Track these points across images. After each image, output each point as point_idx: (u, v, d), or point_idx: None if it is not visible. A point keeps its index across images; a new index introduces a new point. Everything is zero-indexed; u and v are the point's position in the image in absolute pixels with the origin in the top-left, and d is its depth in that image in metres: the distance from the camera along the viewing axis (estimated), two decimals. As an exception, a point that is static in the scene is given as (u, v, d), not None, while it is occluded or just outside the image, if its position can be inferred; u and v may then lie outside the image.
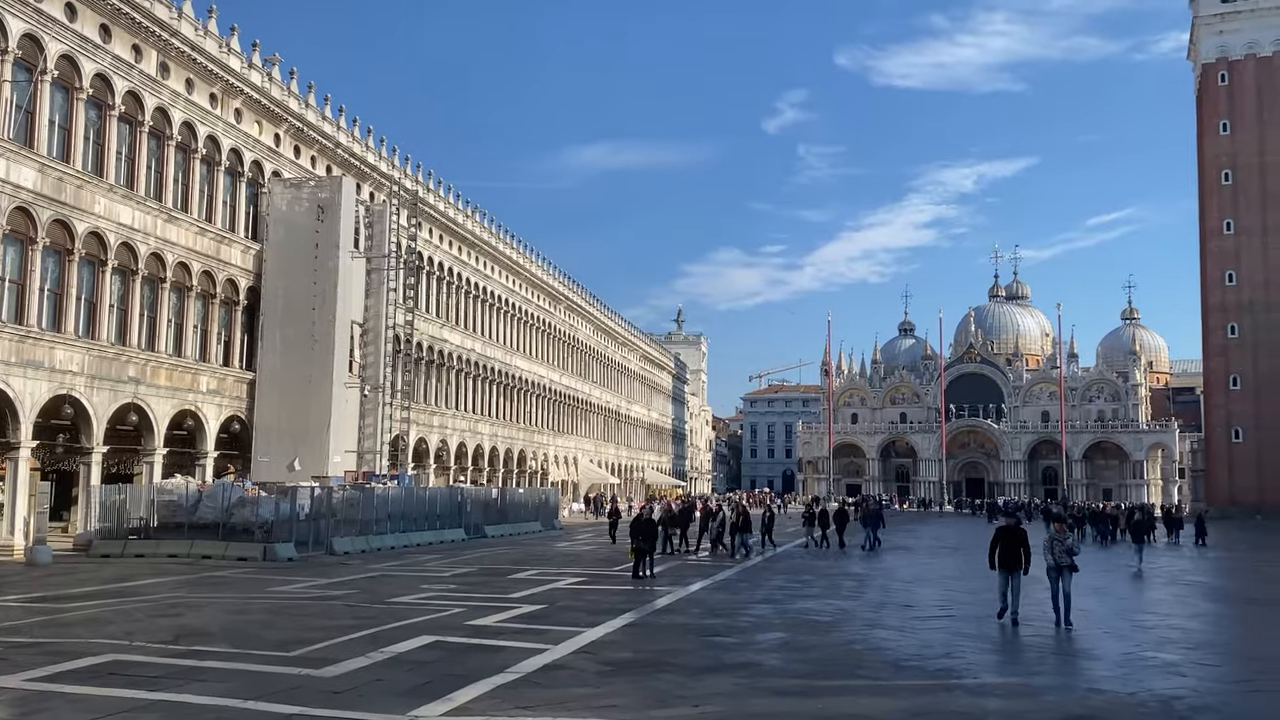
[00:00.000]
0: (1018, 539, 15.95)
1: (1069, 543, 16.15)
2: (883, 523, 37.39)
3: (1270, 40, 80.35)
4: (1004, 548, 16.03)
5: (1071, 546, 16.09)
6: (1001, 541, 16.11)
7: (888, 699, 10.47)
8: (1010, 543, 16.00)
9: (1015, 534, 16.06)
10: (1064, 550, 15.89)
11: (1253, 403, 79.06)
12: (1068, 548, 15.97)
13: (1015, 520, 17.02)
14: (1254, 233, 79.32)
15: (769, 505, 39.52)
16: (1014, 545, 15.95)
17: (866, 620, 16.66)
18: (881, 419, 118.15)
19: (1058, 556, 15.90)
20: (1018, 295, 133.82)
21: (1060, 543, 16.02)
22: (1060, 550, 15.90)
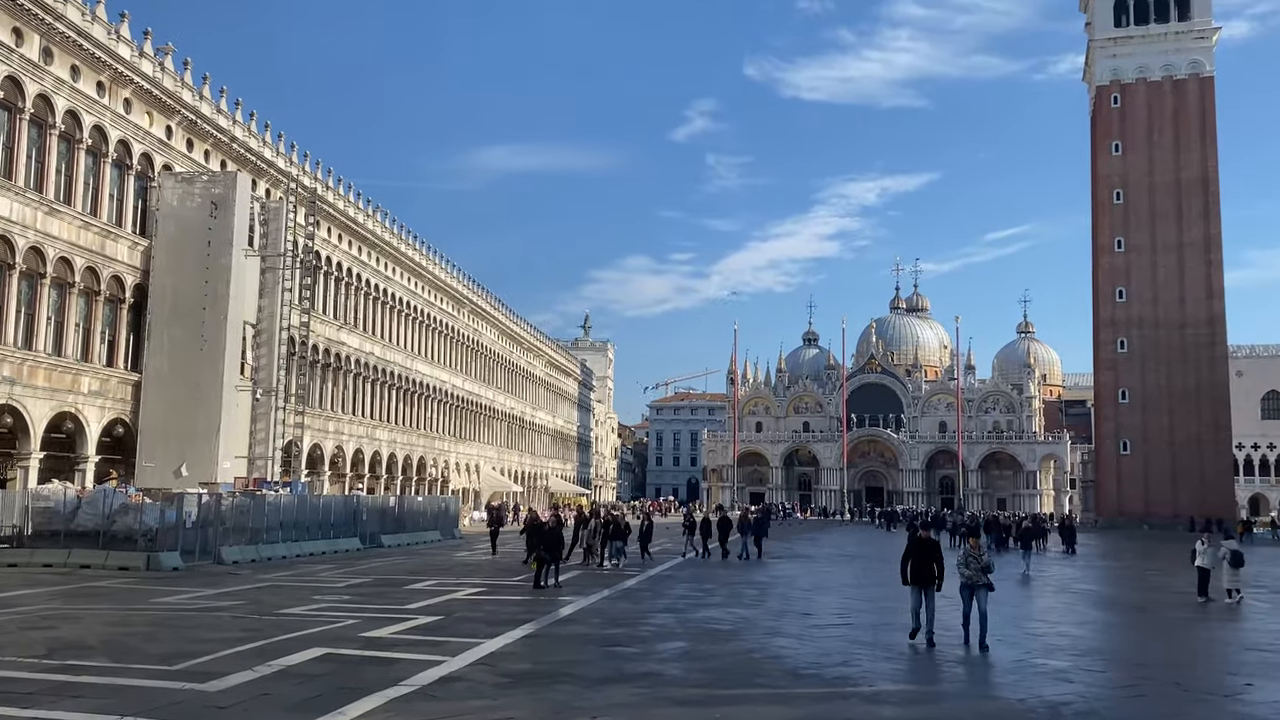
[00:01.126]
0: (931, 552, 15.07)
1: (985, 559, 15.24)
2: (765, 532, 36.51)
3: (1159, 65, 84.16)
4: (917, 561, 15.09)
5: (988, 563, 15.20)
6: (914, 555, 15.17)
7: (785, 707, 10.64)
8: (924, 556, 15.08)
9: (928, 546, 15.15)
10: (979, 567, 15.00)
11: (1140, 416, 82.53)
12: (983, 564, 15.07)
13: (929, 531, 16.06)
14: (1143, 250, 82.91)
15: (647, 514, 38.14)
16: (928, 559, 15.03)
17: (767, 628, 16.87)
18: (785, 428, 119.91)
19: (972, 574, 14.98)
20: (918, 308, 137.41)
21: (975, 559, 15.08)
22: (975, 567, 14.99)
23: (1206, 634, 18.27)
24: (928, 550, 15.09)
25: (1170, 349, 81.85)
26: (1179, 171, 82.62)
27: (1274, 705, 11.22)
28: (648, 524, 34.55)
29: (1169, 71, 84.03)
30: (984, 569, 15.01)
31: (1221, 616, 20.60)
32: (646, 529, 33.87)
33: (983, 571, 14.98)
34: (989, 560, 15.36)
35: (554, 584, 22.68)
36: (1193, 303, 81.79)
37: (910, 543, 15.53)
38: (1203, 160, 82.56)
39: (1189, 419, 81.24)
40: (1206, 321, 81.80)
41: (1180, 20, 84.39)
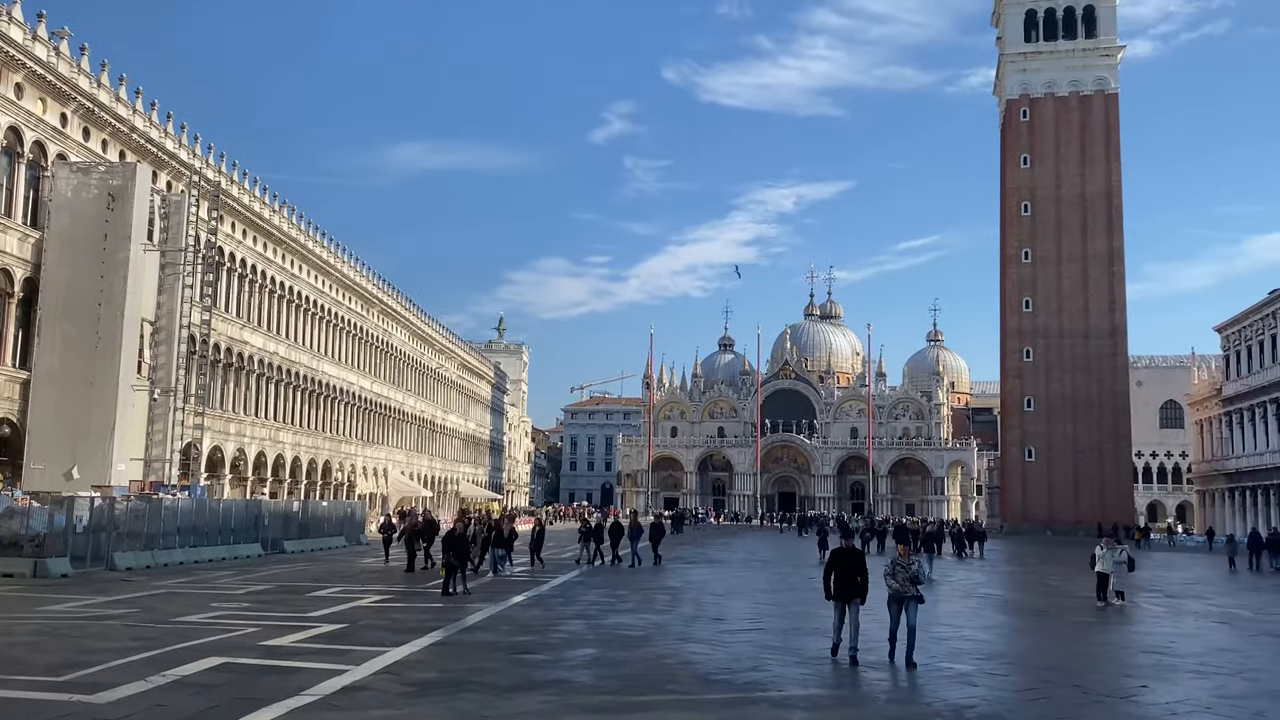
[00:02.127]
0: (855, 563, 14.24)
1: (914, 569, 14.31)
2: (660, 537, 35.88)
3: (1067, 81, 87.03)
4: (840, 573, 14.22)
5: (918, 573, 14.33)
6: (837, 566, 14.31)
7: (695, 713, 10.70)
8: (847, 568, 14.23)
9: (851, 557, 14.33)
10: (908, 577, 14.11)
11: (1045, 423, 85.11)
12: (913, 574, 14.19)
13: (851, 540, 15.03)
14: (1049, 261, 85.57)
15: (538, 520, 37.66)
16: (851, 570, 14.18)
17: (678, 634, 16.96)
18: (700, 433, 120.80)
19: (901, 584, 14.10)
20: (831, 315, 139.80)
21: (905, 569, 14.18)
22: (904, 577, 14.11)
23: (1105, 637, 18.90)
24: (851, 561, 14.26)
25: (1074, 358, 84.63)
26: (1084, 185, 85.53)
27: (1166, 706, 11.66)
28: (538, 530, 33.75)
29: (1076, 87, 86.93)
30: (913, 579, 14.16)
31: (1119, 620, 21.34)
32: (537, 535, 33.08)
33: (912, 582, 14.09)
34: (918, 569, 14.50)
35: (463, 591, 22.47)
36: (1096, 314, 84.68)
37: (832, 554, 14.62)
38: (1107, 174, 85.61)
39: (1091, 427, 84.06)
40: (1109, 332, 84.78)
41: (1087, 37, 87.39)
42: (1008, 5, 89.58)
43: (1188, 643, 17.72)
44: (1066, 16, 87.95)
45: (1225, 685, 13.11)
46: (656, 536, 34.90)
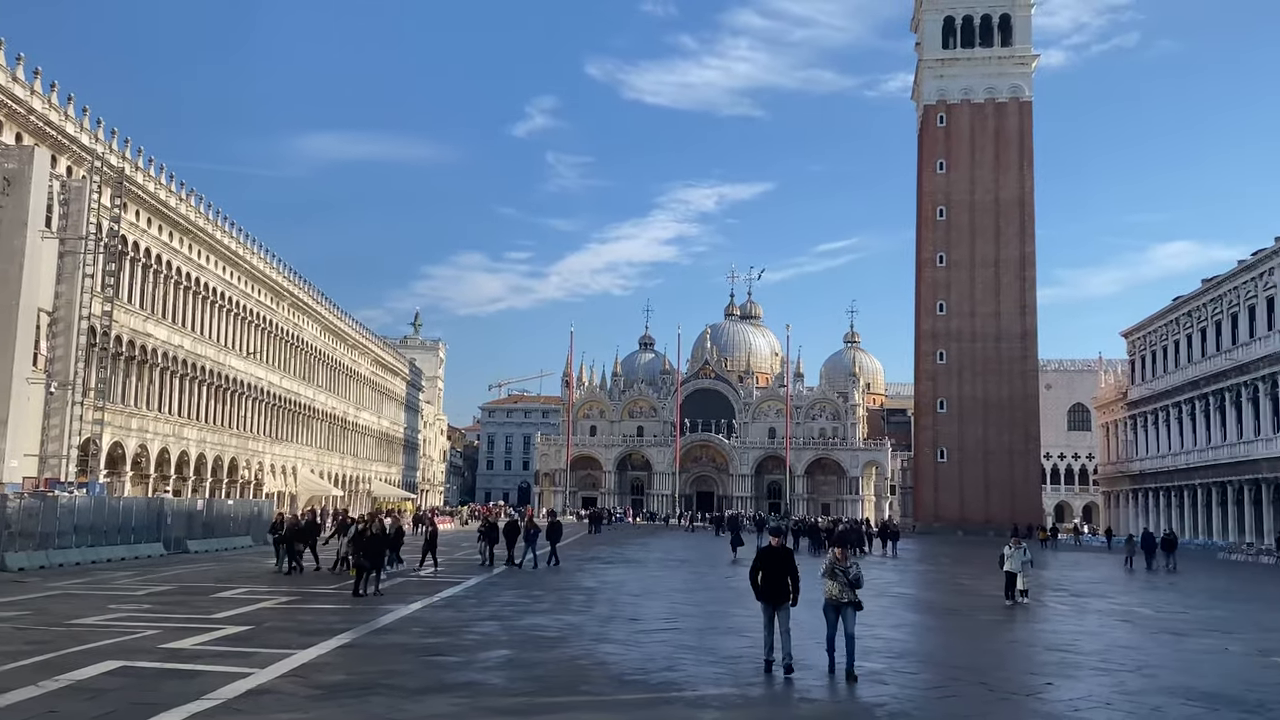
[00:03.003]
0: (784, 563, 13.19)
1: (853, 571, 13.15)
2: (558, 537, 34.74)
3: (983, 88, 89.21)
4: (768, 574, 13.19)
5: (856, 576, 13.13)
6: (765, 566, 13.26)
7: (608, 714, 10.72)
8: (775, 567, 13.17)
9: (780, 556, 13.25)
10: (846, 581, 13.03)
11: (957, 425, 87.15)
12: (851, 578, 13.06)
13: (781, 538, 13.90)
14: (963, 266, 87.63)
15: (431, 520, 36.00)
16: (781, 571, 13.13)
17: (594, 635, 16.96)
18: (619, 432, 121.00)
19: (838, 589, 13.02)
20: (751, 315, 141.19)
21: (843, 571, 13.08)
22: (842, 581, 13.05)
23: (1012, 635, 19.41)
24: (780, 561, 13.20)
25: (986, 361, 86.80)
26: (998, 191, 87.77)
27: (1069, 703, 12.01)
28: (431, 530, 31.78)
29: (991, 94, 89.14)
30: (852, 583, 13.05)
31: (1026, 618, 21.94)
32: (430, 536, 31.13)
33: (850, 586, 13.03)
34: (858, 573, 13.25)
35: (374, 592, 22.18)
36: (1008, 318, 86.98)
37: (760, 553, 13.53)
38: (1020, 181, 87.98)
39: (1002, 429, 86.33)
40: (1020, 336, 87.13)
41: (1003, 45, 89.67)
42: (927, 11, 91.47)
43: (1090, 640, 18.29)
44: (984, 24, 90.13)
45: (1125, 682, 13.56)
46: (554, 536, 33.76)
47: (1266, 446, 60.93)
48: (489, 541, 32.67)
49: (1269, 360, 60.66)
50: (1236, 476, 64.57)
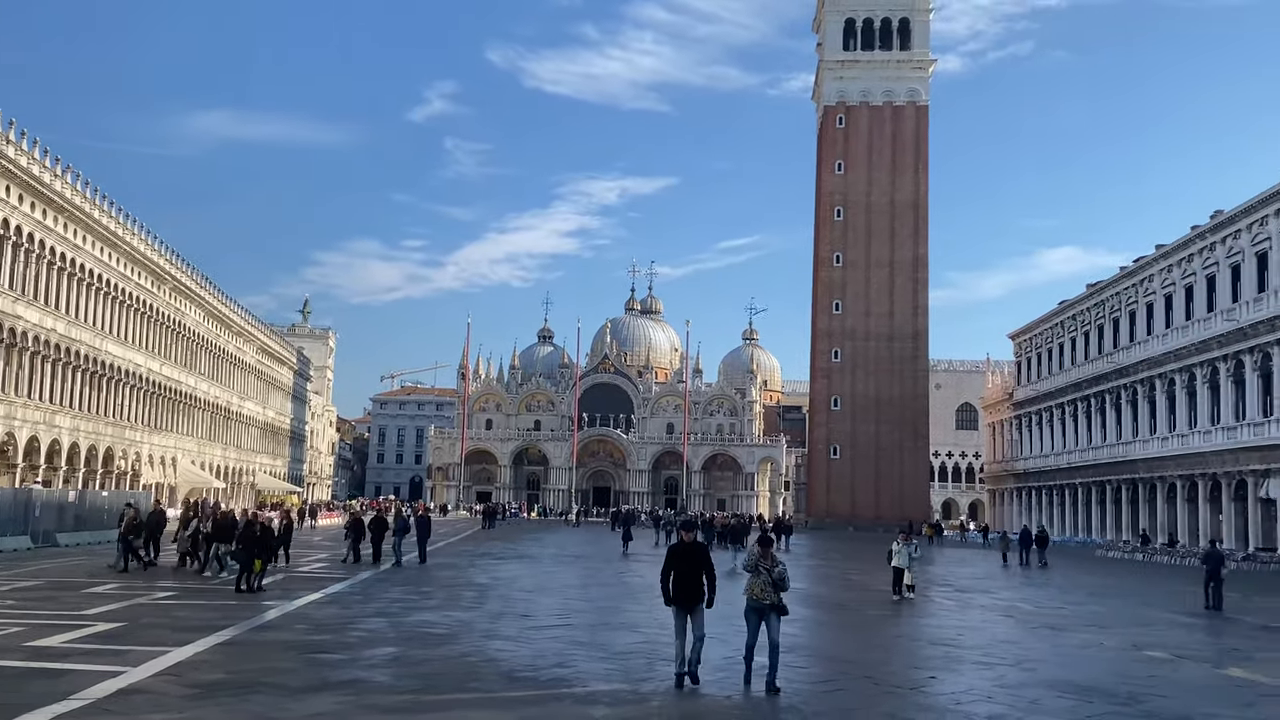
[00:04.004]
0: (698, 561, 12.16)
1: (778, 571, 12.03)
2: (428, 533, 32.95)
3: (881, 90, 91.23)
4: (681, 573, 12.08)
5: (781, 576, 12.07)
6: (677, 564, 12.14)
7: (496, 711, 10.67)
8: (688, 566, 12.11)
9: (694, 554, 12.21)
10: (769, 582, 11.98)
11: (850, 423, 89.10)
12: (776, 577, 11.98)
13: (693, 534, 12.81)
14: (859, 266, 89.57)
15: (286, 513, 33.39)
16: (694, 569, 12.09)
17: (484, 631, 16.85)
18: (516, 425, 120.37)
19: (762, 590, 12.02)
20: (652, 310, 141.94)
21: (767, 571, 12.01)
22: (764, 582, 12.01)
23: (898, 630, 19.93)
24: (693, 558, 12.15)
25: (879, 360, 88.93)
26: (894, 193, 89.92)
27: (951, 696, 12.39)
28: (286, 524, 29.78)
29: (889, 97, 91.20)
30: (776, 584, 11.97)
31: (912, 613, 22.55)
32: (285, 530, 29.11)
33: (774, 588, 11.96)
34: (783, 572, 12.09)
35: (258, 587, 21.65)
36: (901, 318, 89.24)
37: (671, 550, 12.41)
38: (915, 184, 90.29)
39: (893, 427, 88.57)
40: (912, 336, 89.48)
41: (902, 49, 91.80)
42: (828, 12, 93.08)
43: (973, 635, 18.88)
44: (884, 28, 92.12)
45: (1005, 675, 14.04)
46: (423, 532, 32.06)
47: (1144, 447, 63.71)
48: (355, 537, 31.23)
49: (1148, 364, 63.42)
50: (1115, 476, 67.39)
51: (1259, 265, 53.45)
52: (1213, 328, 56.41)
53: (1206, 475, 56.65)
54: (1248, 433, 52.95)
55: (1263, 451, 51.47)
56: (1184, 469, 58.72)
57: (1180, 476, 59.29)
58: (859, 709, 11.56)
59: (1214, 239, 57.52)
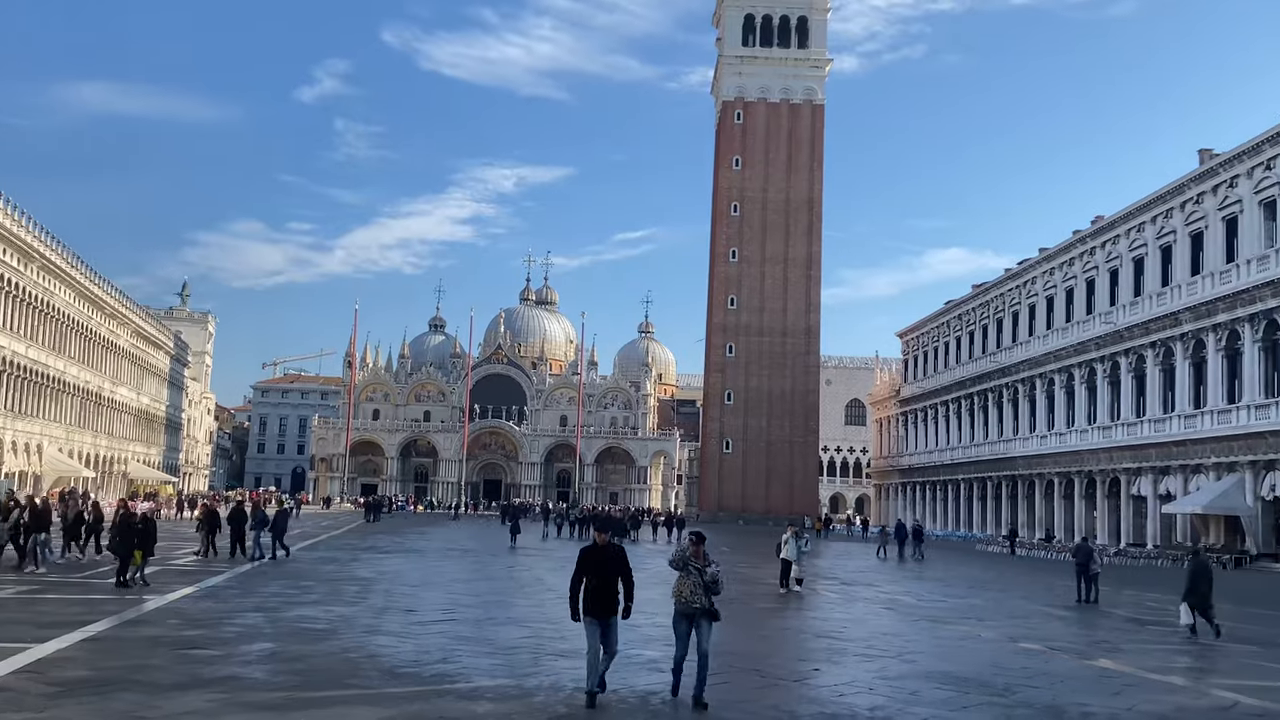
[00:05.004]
0: (614, 564, 10.86)
1: (711, 572, 11.02)
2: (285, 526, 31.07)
3: (779, 88, 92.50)
4: (594, 579, 10.75)
5: (715, 578, 11.03)
6: (589, 570, 10.79)
7: (378, 707, 10.50)
8: (603, 570, 10.77)
9: (609, 557, 10.91)
10: (701, 585, 10.94)
11: (742, 417, 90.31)
12: (709, 579, 10.96)
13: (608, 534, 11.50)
14: (754, 262, 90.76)
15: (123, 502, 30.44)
16: (609, 574, 10.77)
17: (366, 626, 16.58)
18: (405, 416, 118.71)
19: (691, 593, 10.95)
20: (547, 301, 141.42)
21: (698, 571, 10.99)
22: (695, 583, 10.95)
23: (784, 623, 20.28)
24: (609, 563, 10.86)
25: (773, 356, 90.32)
26: (790, 190, 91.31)
27: (834, 688, 12.67)
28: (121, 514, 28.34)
29: (787, 95, 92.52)
30: (707, 586, 10.94)
31: (799, 606, 22.97)
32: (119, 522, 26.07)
33: (705, 591, 10.92)
34: (716, 573, 11.08)
35: (140, 580, 20.98)
36: (793, 314, 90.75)
37: (583, 553, 11.05)
38: (810, 182, 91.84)
39: (784, 422, 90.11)
40: (804, 332, 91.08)
41: (800, 48, 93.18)
42: (728, 8, 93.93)
43: (857, 628, 19.33)
44: (782, 25, 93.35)
45: (887, 667, 14.41)
46: (280, 525, 30.28)
47: (1024, 445, 66.04)
48: (210, 530, 29.69)
49: (1029, 364, 65.74)
50: (995, 472, 69.73)
51: (1135, 270, 55.87)
52: (1091, 330, 58.78)
53: (1082, 473, 59.04)
54: (1122, 432, 55.34)
55: (1135, 450, 53.84)
56: (1061, 467, 61.10)
57: (1058, 474, 61.68)
58: (745, 702, 11.72)
59: (1094, 244, 59.91)
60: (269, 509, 35.49)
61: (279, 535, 29.94)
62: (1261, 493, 44.79)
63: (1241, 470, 45.65)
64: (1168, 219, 52.84)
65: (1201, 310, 48.64)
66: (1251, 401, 45.10)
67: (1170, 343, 51.26)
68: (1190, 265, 50.79)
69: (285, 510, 31.83)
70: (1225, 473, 46.79)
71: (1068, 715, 11.33)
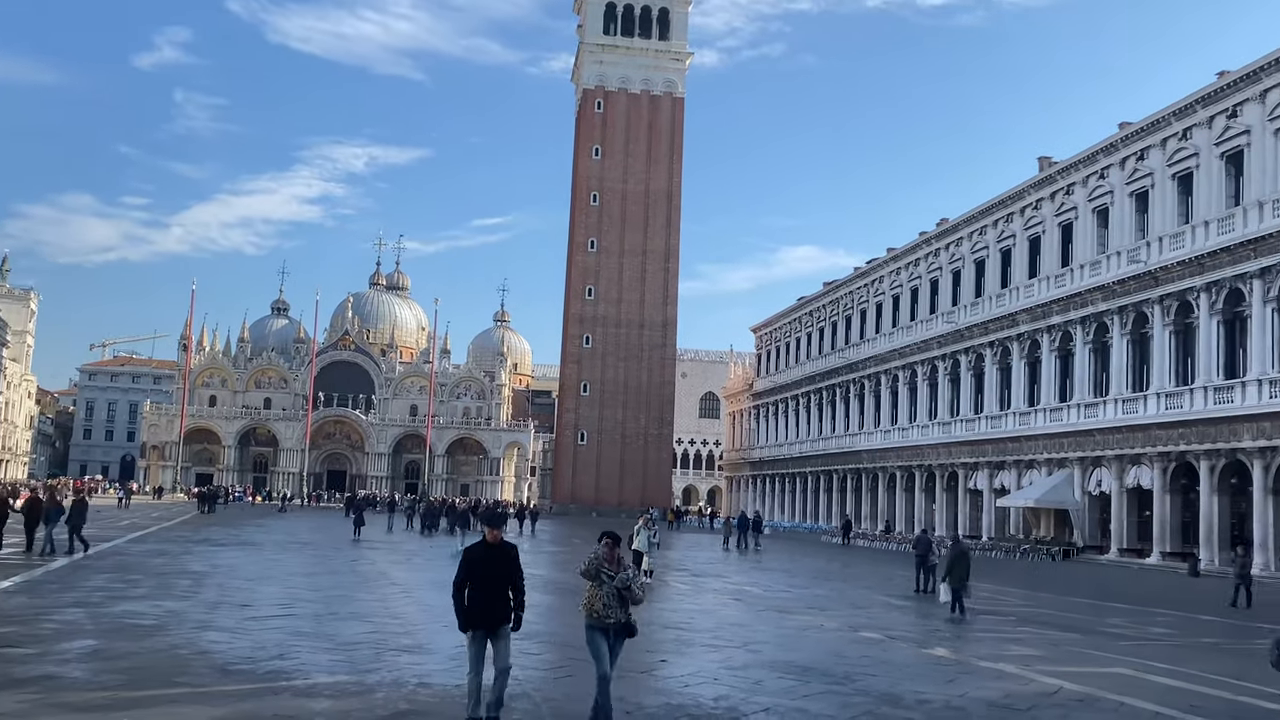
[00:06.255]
0: (504, 566, 9.52)
1: (624, 578, 9.59)
2: (83, 519, 28.03)
3: (640, 79, 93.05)
4: (480, 584, 9.36)
5: (629, 583, 9.61)
6: (478, 572, 9.39)
7: (208, 706, 10.13)
8: (492, 574, 9.41)
9: (500, 558, 9.54)
10: (614, 593, 9.54)
11: (598, 409, 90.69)
12: (620, 585, 9.54)
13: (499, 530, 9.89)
14: (613, 253, 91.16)
15: None
16: (500, 578, 9.43)
17: (198, 622, 15.98)
18: (244, 403, 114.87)
19: (603, 607, 9.58)
20: (398, 286, 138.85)
21: (609, 577, 9.57)
22: (609, 593, 9.55)
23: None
24: (500, 565, 9.50)
25: (629, 348, 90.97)
26: (649, 182, 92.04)
27: (680, 679, 12.86)
28: None
29: (647, 86, 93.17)
30: (622, 596, 9.60)
31: (648, 597, 23.12)
32: None
33: (620, 602, 9.58)
34: (629, 577, 9.67)
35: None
36: (651, 306, 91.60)
37: (468, 555, 9.61)
38: (670, 174, 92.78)
39: (640, 414, 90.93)
40: (661, 325, 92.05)
41: (661, 40, 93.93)
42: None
43: (704, 618, 19.67)
44: (643, 15, 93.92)
45: (732, 657, 14.71)
46: (77, 517, 27.89)
47: (868, 439, 68.34)
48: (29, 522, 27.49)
49: (875, 360, 68.03)
50: (841, 465, 71.97)
51: (977, 272, 58.46)
52: (934, 329, 61.20)
53: (923, 467, 61.47)
54: (961, 428, 57.85)
55: (973, 445, 56.37)
56: (903, 461, 63.49)
57: (900, 468, 64.05)
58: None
59: (939, 245, 62.38)
60: (66, 500, 33.26)
61: (76, 529, 27.46)
62: (1089, 488, 47.53)
63: (1071, 466, 48.32)
64: (1008, 223, 55.43)
65: (1037, 312, 51.22)
66: (1082, 401, 47.77)
67: (1008, 342, 53.81)
68: (1028, 268, 53.43)
69: (83, 501, 29.36)
70: (1056, 468, 49.45)
71: (904, 702, 11.78)
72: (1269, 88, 39.35)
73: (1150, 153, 45.52)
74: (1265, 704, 12.41)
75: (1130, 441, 44.48)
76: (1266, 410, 37.48)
